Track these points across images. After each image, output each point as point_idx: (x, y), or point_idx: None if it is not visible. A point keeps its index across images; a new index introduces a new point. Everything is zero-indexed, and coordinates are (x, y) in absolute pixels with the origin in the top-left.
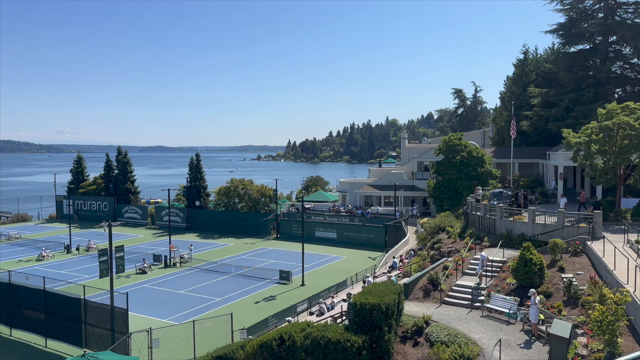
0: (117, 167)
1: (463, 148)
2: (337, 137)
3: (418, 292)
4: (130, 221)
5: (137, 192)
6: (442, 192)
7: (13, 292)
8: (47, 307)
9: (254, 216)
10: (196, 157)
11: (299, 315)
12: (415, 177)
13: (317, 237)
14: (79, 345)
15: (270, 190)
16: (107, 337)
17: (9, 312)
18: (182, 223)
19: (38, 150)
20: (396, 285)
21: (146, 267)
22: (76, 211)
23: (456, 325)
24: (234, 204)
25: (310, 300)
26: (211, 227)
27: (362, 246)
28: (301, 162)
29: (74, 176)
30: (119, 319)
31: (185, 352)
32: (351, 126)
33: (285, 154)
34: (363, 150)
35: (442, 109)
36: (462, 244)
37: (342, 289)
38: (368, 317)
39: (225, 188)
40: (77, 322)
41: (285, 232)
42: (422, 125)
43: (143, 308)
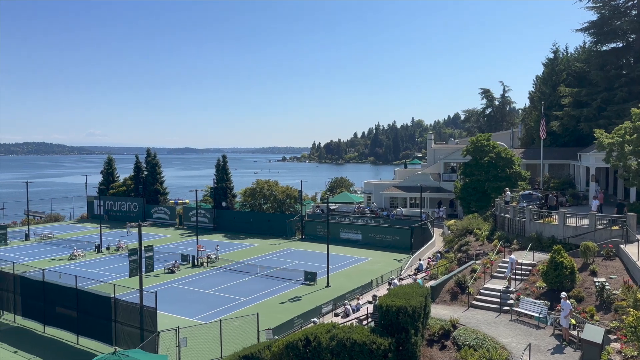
0: (146, 168)
1: (491, 149)
2: (362, 139)
3: (445, 295)
4: (159, 221)
5: (165, 193)
6: (469, 193)
7: (46, 290)
8: (79, 305)
9: (279, 217)
10: (223, 158)
11: (324, 316)
12: (442, 178)
13: (342, 238)
14: (109, 343)
15: (295, 191)
16: (136, 335)
17: (43, 309)
18: (209, 223)
19: (70, 152)
20: (423, 288)
21: (174, 267)
22: (107, 211)
23: (484, 329)
24: (260, 205)
25: (335, 302)
26: (237, 228)
27: (388, 248)
28: (326, 163)
29: (105, 177)
30: (148, 318)
31: (212, 351)
32: (376, 127)
33: (310, 155)
34: (388, 151)
35: (469, 110)
36: (490, 247)
37: (367, 290)
38: (394, 320)
39: (251, 189)
40: (108, 320)
41: (310, 233)
42: (449, 125)
43: (171, 307)
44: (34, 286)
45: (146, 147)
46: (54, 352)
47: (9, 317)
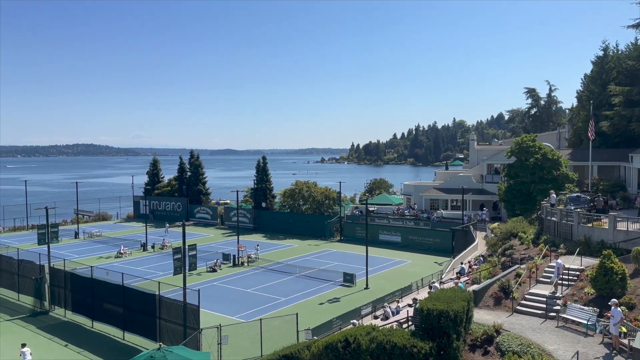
0: (189, 169)
1: (537, 150)
2: (402, 139)
3: (488, 300)
4: (201, 221)
5: (207, 193)
6: (514, 195)
7: (95, 286)
8: (125, 302)
9: (318, 218)
10: (262, 159)
11: (363, 318)
12: (485, 180)
13: (381, 240)
14: (154, 339)
15: (334, 192)
16: (179, 332)
17: (91, 305)
18: (249, 224)
19: (117, 153)
20: (465, 292)
21: (216, 266)
22: (152, 211)
23: (529, 335)
24: (299, 205)
25: (374, 304)
26: (276, 228)
27: (428, 250)
28: (364, 164)
29: (150, 178)
30: (191, 315)
31: (253, 350)
32: (416, 128)
33: (349, 156)
34: (428, 152)
35: (513, 110)
36: (535, 251)
37: (407, 293)
38: (435, 324)
39: (290, 190)
40: (152, 316)
41: (349, 234)
42: (492, 126)
43: (213, 305)
44: (83, 282)
45: (189, 149)
46: (101, 347)
47: (60, 311)
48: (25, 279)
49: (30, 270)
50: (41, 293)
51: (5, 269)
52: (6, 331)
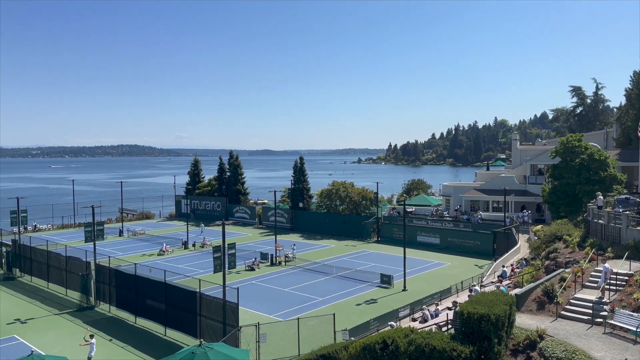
0: (229, 169)
1: (583, 150)
2: (441, 139)
3: (531, 304)
4: (240, 220)
5: (246, 193)
6: (558, 197)
7: (138, 283)
8: (167, 298)
9: (355, 219)
10: (300, 160)
11: (401, 320)
12: (528, 181)
13: (419, 241)
14: (194, 336)
15: (371, 193)
16: (218, 329)
17: (134, 301)
18: (287, 223)
19: (159, 153)
20: (507, 296)
21: (254, 265)
22: (193, 210)
23: (574, 341)
24: (335, 206)
25: (412, 306)
26: (313, 228)
27: (468, 253)
28: (402, 165)
29: (191, 178)
30: (230, 313)
31: (290, 349)
32: (456, 128)
33: (386, 156)
34: (468, 152)
35: (558, 108)
36: (581, 255)
37: (446, 296)
38: (476, 328)
39: (327, 190)
40: (193, 313)
41: (386, 235)
42: (535, 125)
43: (251, 303)
44: (127, 279)
45: (229, 150)
46: (144, 342)
47: (105, 307)
48: (72, 275)
49: (77, 266)
50: (87, 289)
51: (54, 265)
52: (55, 325)
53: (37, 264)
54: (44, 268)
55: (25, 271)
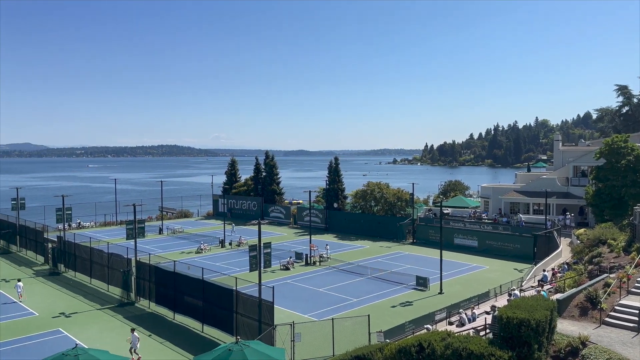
0: (264, 169)
1: (629, 151)
2: (479, 140)
3: (573, 310)
4: (275, 220)
5: (281, 193)
6: (603, 200)
7: (177, 280)
8: (204, 296)
9: (390, 220)
10: (335, 160)
11: (437, 323)
12: (571, 183)
13: (456, 244)
14: (231, 333)
15: (407, 194)
16: (254, 327)
17: (173, 297)
18: (321, 224)
19: (198, 153)
20: (548, 301)
21: (289, 264)
22: (229, 209)
23: (619, 349)
24: (370, 206)
25: (449, 310)
26: (348, 229)
27: (507, 256)
28: (439, 165)
29: (228, 178)
30: (266, 311)
31: (325, 349)
32: (495, 128)
33: (422, 157)
34: (508, 153)
35: (602, 108)
36: (627, 260)
37: (484, 300)
38: (515, 333)
39: (361, 191)
40: (230, 311)
41: (422, 237)
42: (578, 126)
43: (286, 302)
44: (166, 276)
45: (265, 150)
46: (182, 338)
47: (145, 303)
48: (114, 271)
49: (119, 263)
50: (128, 285)
51: (96, 261)
52: (97, 319)
53: (80, 260)
54: (87, 264)
55: (69, 267)
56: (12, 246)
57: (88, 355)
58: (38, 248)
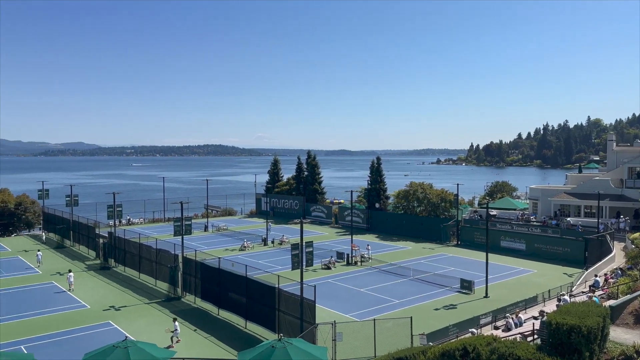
0: (306, 169)
1: None
2: (527, 140)
3: (627, 317)
4: (316, 219)
5: (323, 192)
6: None
7: (221, 276)
8: (248, 292)
9: (433, 221)
10: (377, 160)
11: (482, 327)
12: (625, 185)
13: (502, 247)
14: (273, 330)
15: (451, 195)
16: (296, 325)
17: (218, 293)
18: (362, 224)
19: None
20: (600, 307)
21: (330, 263)
22: (272, 208)
23: None
24: (413, 207)
25: (494, 314)
26: (389, 229)
27: (556, 260)
28: (484, 166)
29: (271, 177)
30: (307, 310)
31: (366, 349)
32: (544, 127)
33: (467, 157)
34: (558, 153)
35: None
36: None
37: (531, 305)
38: (565, 339)
39: (404, 191)
40: (272, 308)
41: (467, 239)
42: (633, 125)
43: (327, 302)
44: (211, 272)
45: (306, 150)
46: (226, 334)
47: (191, 298)
48: (161, 266)
49: (166, 258)
50: (175, 280)
51: (145, 256)
52: (145, 313)
53: (130, 255)
54: (136, 259)
55: (119, 261)
56: (66, 241)
57: (137, 347)
58: (90, 243)
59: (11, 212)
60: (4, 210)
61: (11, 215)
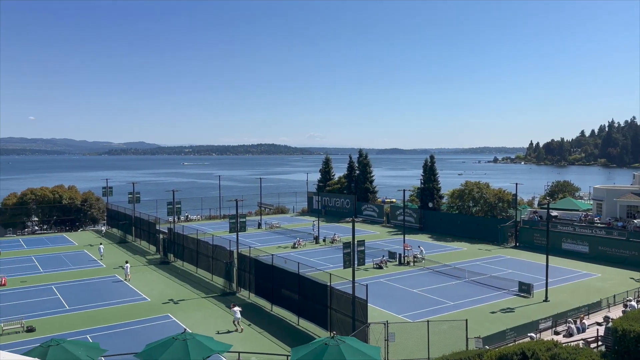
0: (358, 168)
1: None
2: (591, 137)
3: None
4: (368, 218)
5: (374, 191)
6: None
7: (274, 273)
8: (300, 289)
9: (490, 221)
10: (430, 159)
11: (542, 332)
12: None
13: (564, 249)
14: (325, 327)
15: (509, 194)
16: (347, 323)
17: (271, 290)
18: (415, 223)
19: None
20: None
21: (382, 263)
22: (323, 206)
23: None
24: (468, 207)
25: (555, 319)
26: (443, 230)
27: (623, 264)
28: (545, 165)
29: (322, 175)
30: (359, 309)
31: (419, 351)
32: (609, 124)
33: (526, 156)
34: (624, 152)
35: None
36: None
37: (595, 310)
38: (632, 347)
39: (459, 191)
40: (324, 306)
41: (526, 240)
42: None
43: (378, 301)
44: (264, 269)
45: (358, 148)
46: (279, 329)
47: (245, 293)
48: (217, 262)
49: (222, 254)
50: (230, 275)
51: (202, 252)
52: (202, 307)
53: (188, 251)
54: (194, 255)
55: (178, 256)
56: (128, 236)
57: (195, 340)
58: (151, 238)
59: (78, 208)
60: (71, 207)
61: (78, 211)
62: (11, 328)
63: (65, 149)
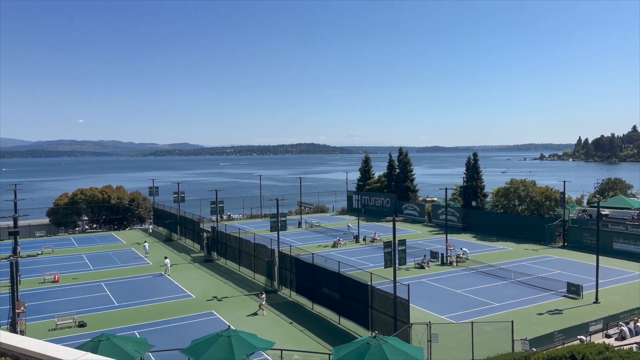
0: (398, 166)
1: None
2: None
3: None
4: (408, 217)
5: (415, 190)
6: None
7: (315, 272)
8: (341, 288)
9: (537, 220)
10: (473, 156)
11: (592, 335)
12: None
13: (615, 249)
14: (366, 327)
15: (557, 193)
16: (389, 323)
17: (312, 288)
18: (458, 223)
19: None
20: None
21: (424, 263)
22: (363, 205)
23: None
24: (514, 206)
25: (606, 321)
26: (488, 229)
27: None
28: (594, 162)
29: (362, 174)
30: (401, 309)
31: (463, 352)
32: None
33: (574, 152)
34: None
35: None
36: None
37: None
38: None
39: (504, 189)
40: (365, 305)
41: (574, 240)
42: None
43: (421, 301)
44: (305, 267)
45: (398, 147)
46: (320, 328)
47: (286, 292)
48: (259, 260)
49: (264, 253)
50: (272, 274)
51: (244, 250)
52: (245, 304)
53: (230, 249)
54: (237, 253)
55: (221, 255)
56: (174, 234)
57: (239, 337)
58: (195, 237)
59: (125, 208)
60: (119, 206)
61: (125, 211)
62: (64, 323)
63: (113, 150)
